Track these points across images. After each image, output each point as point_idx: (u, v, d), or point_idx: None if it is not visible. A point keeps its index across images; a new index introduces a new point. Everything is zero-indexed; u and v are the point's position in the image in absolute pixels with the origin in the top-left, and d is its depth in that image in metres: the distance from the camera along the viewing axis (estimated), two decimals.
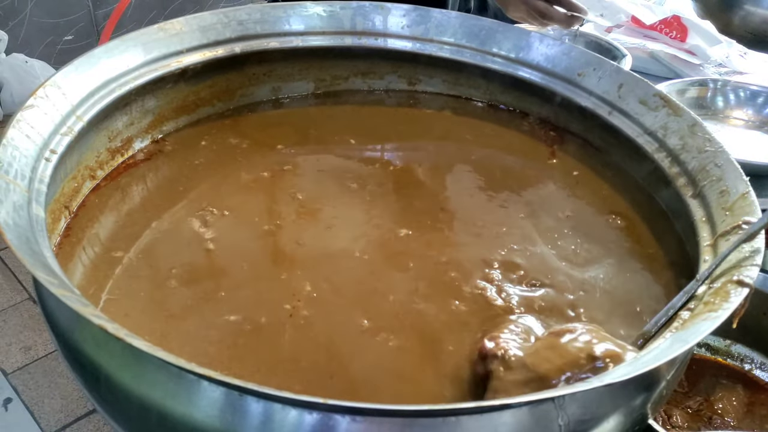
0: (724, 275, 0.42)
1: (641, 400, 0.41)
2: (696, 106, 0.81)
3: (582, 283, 0.50)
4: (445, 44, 0.69)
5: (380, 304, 0.48)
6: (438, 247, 0.53)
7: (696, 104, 0.81)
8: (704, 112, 0.81)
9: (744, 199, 0.48)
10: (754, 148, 0.76)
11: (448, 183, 0.62)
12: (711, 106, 0.81)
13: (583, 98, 0.64)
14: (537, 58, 0.66)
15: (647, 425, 0.52)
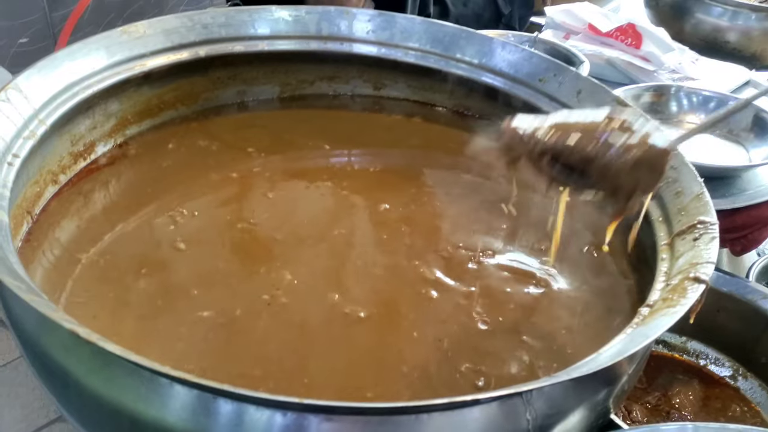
0: (681, 273, 0.44)
1: (604, 394, 0.43)
2: (651, 111, 0.83)
3: (547, 276, 0.52)
4: (410, 50, 0.70)
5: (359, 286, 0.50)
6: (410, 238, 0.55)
7: (651, 109, 0.83)
8: (659, 117, 0.84)
9: (698, 199, 0.50)
10: (706, 151, 0.79)
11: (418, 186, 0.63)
12: (665, 110, 0.84)
13: (544, 103, 0.65)
14: (500, 63, 0.68)
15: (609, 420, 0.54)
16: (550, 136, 0.44)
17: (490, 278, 0.51)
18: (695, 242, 0.46)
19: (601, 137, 0.42)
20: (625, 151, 0.42)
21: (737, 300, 0.73)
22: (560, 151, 0.44)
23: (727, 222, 0.71)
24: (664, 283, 0.45)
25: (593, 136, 0.43)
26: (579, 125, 0.44)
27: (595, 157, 0.43)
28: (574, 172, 0.45)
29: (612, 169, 0.43)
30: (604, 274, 0.52)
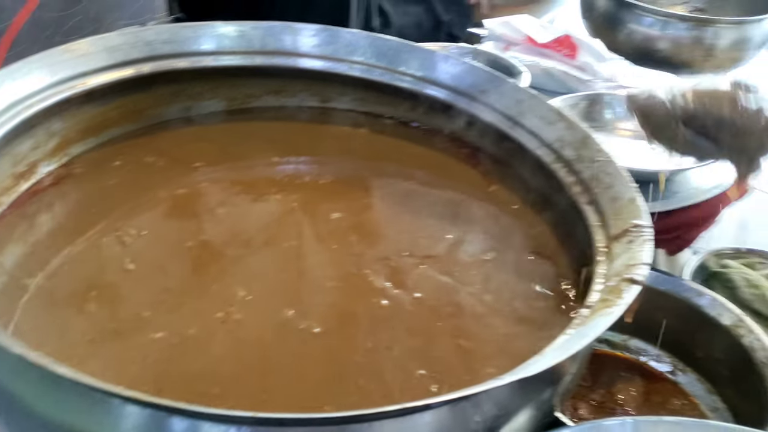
0: (618, 275, 0.46)
1: (549, 393, 0.44)
2: (587, 119, 0.87)
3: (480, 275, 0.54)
4: (355, 63, 0.71)
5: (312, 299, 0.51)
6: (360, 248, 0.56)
7: (587, 117, 0.87)
8: (594, 124, 0.87)
9: (632, 204, 0.52)
10: (639, 157, 0.83)
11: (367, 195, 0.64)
12: (600, 118, 0.88)
13: (486, 114, 0.68)
14: (442, 76, 0.70)
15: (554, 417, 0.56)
16: (688, 102, 0.47)
17: (437, 285, 0.52)
18: (630, 245, 0.49)
19: (738, 102, 0.46)
20: (758, 114, 0.46)
21: (674, 298, 0.77)
22: (697, 116, 0.48)
23: (661, 224, 0.74)
24: (603, 284, 0.47)
25: (729, 99, 0.46)
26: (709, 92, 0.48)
27: (731, 120, 0.46)
28: (707, 136, 0.49)
29: (746, 131, 0.46)
30: (543, 278, 0.54)
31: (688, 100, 0.48)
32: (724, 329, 0.73)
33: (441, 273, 0.53)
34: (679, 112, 0.48)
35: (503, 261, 0.55)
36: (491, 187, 0.66)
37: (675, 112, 0.49)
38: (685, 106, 0.48)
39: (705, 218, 0.78)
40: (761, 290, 0.80)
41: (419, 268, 0.54)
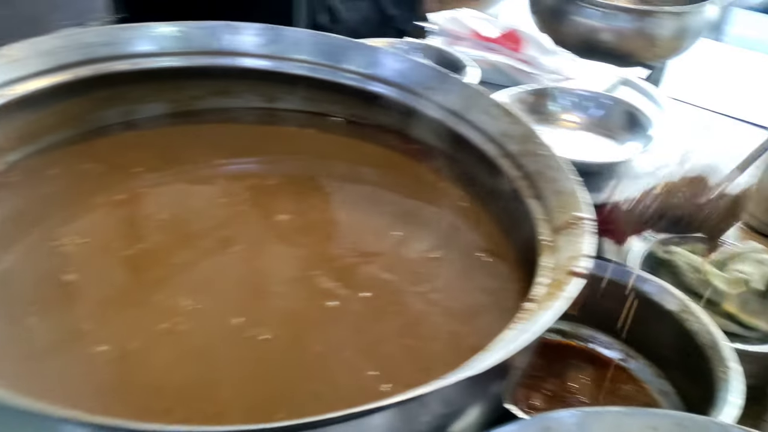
0: (562, 267, 0.47)
1: (497, 387, 0.45)
2: (533, 112, 0.88)
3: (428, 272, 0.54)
4: (300, 62, 0.71)
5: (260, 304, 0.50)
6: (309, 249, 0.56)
7: (533, 110, 0.88)
8: (541, 117, 0.88)
9: (575, 197, 0.53)
10: (584, 149, 0.85)
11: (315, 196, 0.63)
12: (546, 111, 0.89)
13: (433, 110, 0.68)
14: (388, 73, 0.69)
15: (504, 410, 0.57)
16: (658, 202, 0.56)
17: (384, 284, 0.52)
18: (573, 237, 0.50)
19: (701, 194, 0.55)
20: (718, 199, 0.55)
21: (621, 285, 0.79)
22: (666, 216, 0.57)
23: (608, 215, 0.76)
24: (547, 277, 0.48)
25: (695, 193, 0.55)
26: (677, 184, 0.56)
27: (695, 214, 0.55)
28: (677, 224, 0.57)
29: (710, 218, 0.56)
30: (489, 274, 0.55)
31: (654, 204, 0.57)
32: (670, 315, 0.75)
33: (388, 272, 0.53)
34: (648, 218, 0.58)
35: (451, 258, 0.56)
36: (440, 184, 0.67)
37: (645, 217, 0.58)
38: (653, 212, 0.57)
39: None
40: (705, 275, 0.82)
41: (367, 268, 0.54)
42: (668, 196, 0.56)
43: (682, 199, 0.56)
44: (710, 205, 0.56)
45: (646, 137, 0.82)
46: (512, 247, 0.58)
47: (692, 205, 0.56)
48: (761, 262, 0.85)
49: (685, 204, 0.56)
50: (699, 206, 0.56)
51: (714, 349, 0.70)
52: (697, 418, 0.44)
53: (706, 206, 0.56)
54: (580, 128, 0.87)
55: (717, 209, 0.56)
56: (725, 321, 0.82)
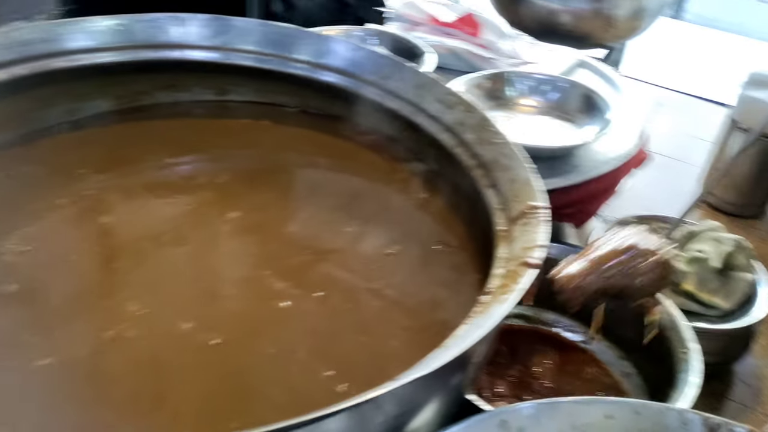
0: (516, 258, 0.47)
1: (455, 380, 0.44)
2: (491, 97, 0.87)
3: (383, 268, 0.53)
4: (249, 53, 0.69)
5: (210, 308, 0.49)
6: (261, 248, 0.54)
7: (490, 95, 0.87)
8: (498, 102, 0.88)
9: (529, 185, 0.53)
10: (542, 133, 0.84)
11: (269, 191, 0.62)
12: (503, 96, 0.88)
13: (388, 100, 0.66)
14: (340, 62, 0.68)
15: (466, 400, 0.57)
16: (596, 276, 0.57)
17: (338, 281, 0.51)
18: (528, 227, 0.49)
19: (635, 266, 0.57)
20: (651, 272, 0.57)
21: None
22: (607, 289, 0.58)
23: (564, 198, 0.76)
24: (502, 269, 0.47)
25: (630, 266, 0.57)
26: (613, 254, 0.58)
27: (632, 282, 0.58)
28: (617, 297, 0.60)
29: (645, 288, 0.59)
30: (447, 267, 0.54)
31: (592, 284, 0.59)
32: None
33: (342, 269, 0.52)
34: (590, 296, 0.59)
35: (407, 252, 0.55)
36: (397, 175, 0.66)
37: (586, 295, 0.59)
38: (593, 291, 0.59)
39: (607, 189, 0.80)
40: None
41: (320, 266, 0.52)
42: (603, 273, 0.58)
43: (617, 274, 0.58)
44: (643, 276, 0.58)
45: (603, 120, 0.82)
46: (470, 238, 0.57)
47: (626, 278, 0.58)
48: (718, 240, 0.86)
49: (621, 280, 0.58)
50: (633, 278, 0.58)
51: (674, 330, 0.70)
52: (654, 405, 0.44)
53: (639, 277, 0.58)
54: (537, 112, 0.87)
55: (650, 278, 0.59)
56: (685, 300, 0.83)
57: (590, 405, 0.44)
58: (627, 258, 0.56)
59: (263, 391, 0.44)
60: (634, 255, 0.56)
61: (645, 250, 0.57)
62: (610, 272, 0.57)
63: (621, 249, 0.57)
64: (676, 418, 0.44)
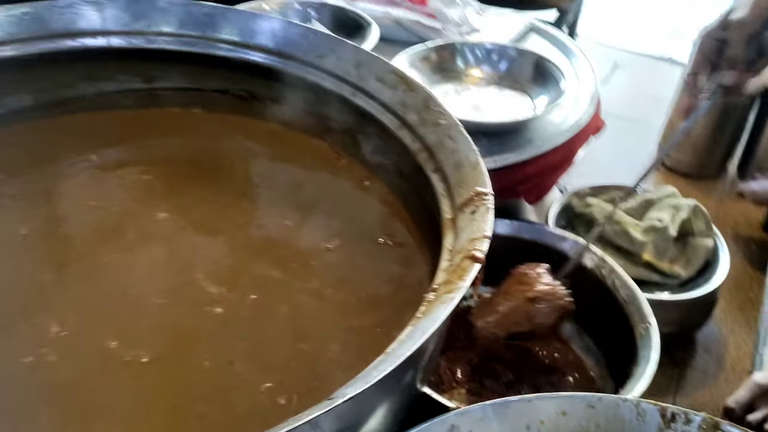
0: (461, 251, 0.44)
1: (406, 381, 0.42)
2: (439, 70, 0.84)
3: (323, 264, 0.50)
4: (173, 36, 0.64)
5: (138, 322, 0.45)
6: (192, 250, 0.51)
7: (439, 68, 0.84)
8: (447, 75, 0.84)
9: (475, 169, 0.50)
10: (494, 106, 0.81)
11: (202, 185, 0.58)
12: (452, 68, 0.85)
13: (326, 80, 0.62)
14: (272, 42, 0.63)
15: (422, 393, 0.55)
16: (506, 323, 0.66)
17: (274, 282, 0.48)
18: (473, 215, 0.46)
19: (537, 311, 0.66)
20: (550, 314, 0.66)
21: (540, 246, 0.77)
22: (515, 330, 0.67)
23: (519, 174, 0.73)
24: (448, 262, 0.44)
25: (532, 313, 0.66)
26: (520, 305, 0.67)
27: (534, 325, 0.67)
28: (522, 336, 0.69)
29: (544, 326, 0.67)
30: (393, 260, 0.51)
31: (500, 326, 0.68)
32: (588, 271, 0.74)
33: (279, 268, 0.49)
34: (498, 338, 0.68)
35: (350, 246, 0.52)
36: (341, 161, 0.62)
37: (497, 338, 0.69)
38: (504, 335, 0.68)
39: (563, 161, 0.78)
40: (622, 225, 0.82)
41: (256, 265, 0.49)
42: (512, 319, 0.67)
43: (523, 321, 0.66)
44: (544, 319, 0.67)
45: (557, 89, 0.79)
46: (416, 228, 0.55)
47: (530, 323, 0.67)
48: (676, 207, 0.84)
49: (526, 325, 0.67)
50: (535, 321, 0.67)
51: (633, 305, 0.69)
52: (608, 398, 0.42)
53: (541, 320, 0.67)
54: (489, 84, 0.83)
55: (550, 319, 0.67)
56: (644, 271, 0.82)
57: (542, 401, 0.42)
58: (531, 307, 0.66)
59: (198, 410, 0.41)
60: (537, 302, 0.65)
61: (545, 296, 0.66)
62: (517, 318, 0.66)
63: (527, 298, 0.66)
64: (631, 410, 0.42)
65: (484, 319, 0.67)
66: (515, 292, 0.66)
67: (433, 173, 0.53)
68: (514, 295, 0.66)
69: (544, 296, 0.65)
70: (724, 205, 1.10)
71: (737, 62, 0.65)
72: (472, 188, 0.48)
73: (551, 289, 0.66)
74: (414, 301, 0.47)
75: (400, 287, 0.50)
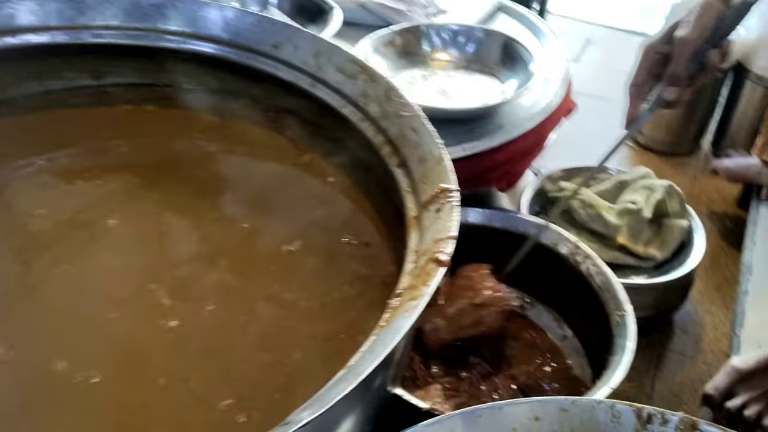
0: (426, 252, 0.42)
1: (374, 388, 0.40)
2: (405, 54, 0.81)
3: (283, 269, 0.48)
4: (119, 29, 0.60)
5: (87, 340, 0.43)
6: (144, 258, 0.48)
7: (405, 52, 0.81)
8: (413, 59, 0.81)
9: (439, 164, 0.47)
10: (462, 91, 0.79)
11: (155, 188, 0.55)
12: (418, 52, 0.82)
13: (283, 72, 0.59)
14: (225, 32, 0.60)
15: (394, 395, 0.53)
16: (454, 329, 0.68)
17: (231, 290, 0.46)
18: (438, 214, 0.44)
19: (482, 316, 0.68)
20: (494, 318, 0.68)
21: (513, 234, 0.75)
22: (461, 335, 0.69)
23: (489, 161, 0.71)
24: (413, 264, 0.42)
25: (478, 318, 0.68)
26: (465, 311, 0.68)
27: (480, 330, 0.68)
28: None
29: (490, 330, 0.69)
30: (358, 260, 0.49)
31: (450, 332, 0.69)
32: (562, 258, 0.72)
33: (236, 274, 0.46)
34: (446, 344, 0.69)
35: (312, 247, 0.49)
36: (304, 157, 0.59)
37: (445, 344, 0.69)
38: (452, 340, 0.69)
39: (533, 146, 0.76)
40: (596, 209, 0.80)
41: (212, 273, 0.47)
42: (459, 324, 0.68)
43: (469, 326, 0.67)
44: (489, 324, 0.68)
45: (526, 72, 0.77)
46: (383, 226, 0.52)
47: (476, 327, 0.68)
48: (650, 188, 0.83)
49: (472, 330, 0.68)
50: (481, 326, 0.68)
51: (609, 293, 0.67)
52: (581, 402, 0.40)
53: (485, 324, 0.68)
54: (456, 67, 0.81)
55: (494, 323, 0.69)
56: (619, 254, 0.81)
57: (514, 407, 0.40)
58: (477, 313, 0.67)
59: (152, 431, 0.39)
60: (483, 308, 0.67)
61: (491, 302, 0.67)
62: (464, 324, 0.67)
63: (473, 305, 0.67)
64: (606, 412, 0.40)
65: (432, 323, 0.67)
66: (461, 298, 0.67)
67: (397, 168, 0.50)
68: (460, 301, 0.67)
69: (489, 303, 0.67)
70: (699, 182, 1.09)
71: (679, 79, 0.66)
72: (436, 184, 0.46)
73: (496, 295, 0.67)
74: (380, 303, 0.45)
75: (365, 289, 0.48)
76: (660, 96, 0.68)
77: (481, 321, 0.68)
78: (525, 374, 0.70)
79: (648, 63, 0.68)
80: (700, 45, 0.64)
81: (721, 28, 0.64)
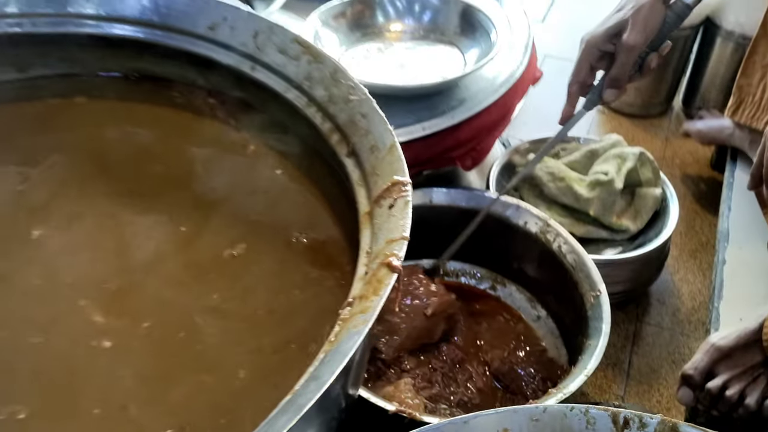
0: (379, 256, 0.38)
1: (331, 399, 0.37)
2: (357, 27, 0.76)
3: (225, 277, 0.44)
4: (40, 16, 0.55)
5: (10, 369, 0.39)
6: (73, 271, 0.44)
7: (357, 24, 0.76)
8: (367, 32, 0.76)
9: (392, 153, 0.43)
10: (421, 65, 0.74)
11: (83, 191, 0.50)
12: (372, 23, 0.77)
13: (222, 55, 0.55)
14: (156, 14, 0.55)
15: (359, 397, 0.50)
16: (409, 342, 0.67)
17: (168, 303, 0.42)
18: (391, 210, 0.41)
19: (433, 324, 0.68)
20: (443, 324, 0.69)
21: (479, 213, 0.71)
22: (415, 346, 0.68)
23: (451, 139, 0.67)
24: (365, 267, 0.39)
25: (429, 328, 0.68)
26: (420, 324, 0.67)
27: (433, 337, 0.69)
28: None
29: None
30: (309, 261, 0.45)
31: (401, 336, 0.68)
32: (533, 237, 0.69)
33: (173, 285, 0.42)
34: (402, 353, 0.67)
35: (257, 249, 0.45)
36: (249, 148, 0.55)
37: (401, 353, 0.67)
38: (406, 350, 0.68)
39: (499, 120, 0.72)
40: (566, 182, 0.77)
41: (147, 285, 0.43)
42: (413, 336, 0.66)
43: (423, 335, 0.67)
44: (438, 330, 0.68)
45: (488, 41, 0.72)
46: (336, 222, 0.48)
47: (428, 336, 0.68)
48: (621, 156, 0.80)
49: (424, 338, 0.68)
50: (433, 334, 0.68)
51: (582, 272, 0.64)
52: (552, 408, 0.37)
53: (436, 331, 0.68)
54: (414, 38, 0.76)
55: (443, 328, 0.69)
56: (592, 228, 0.77)
57: (480, 420, 0.37)
58: (430, 323, 0.66)
59: None
60: (434, 317, 0.66)
61: (441, 311, 0.67)
62: (418, 336, 0.66)
63: (425, 316, 0.66)
64: (580, 419, 0.37)
65: (386, 340, 0.66)
66: (410, 311, 0.66)
67: (347, 158, 0.46)
68: (410, 314, 0.66)
69: (439, 311, 0.66)
70: (672, 144, 1.06)
71: (621, 83, 0.67)
72: (389, 176, 0.42)
73: (443, 300, 0.67)
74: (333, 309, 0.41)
75: (317, 293, 0.44)
76: (599, 96, 0.68)
77: (434, 330, 0.67)
78: (499, 360, 0.68)
79: (590, 59, 0.68)
80: (644, 48, 0.65)
81: (663, 32, 0.65)
